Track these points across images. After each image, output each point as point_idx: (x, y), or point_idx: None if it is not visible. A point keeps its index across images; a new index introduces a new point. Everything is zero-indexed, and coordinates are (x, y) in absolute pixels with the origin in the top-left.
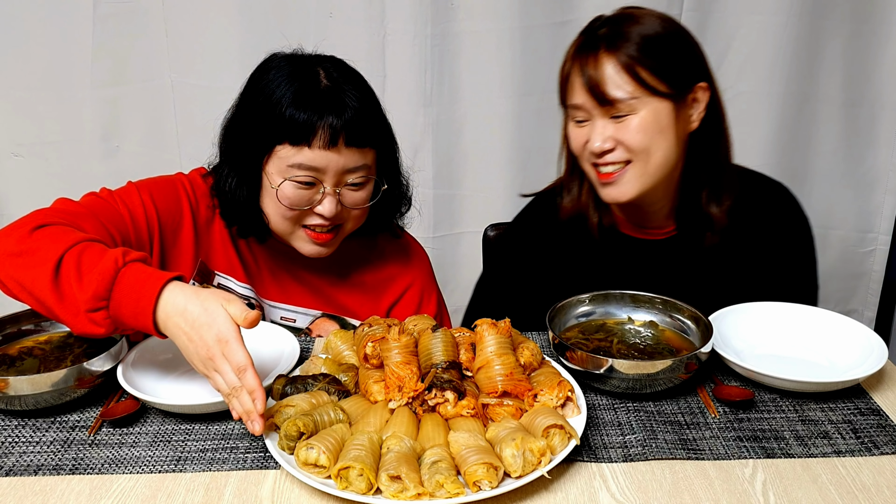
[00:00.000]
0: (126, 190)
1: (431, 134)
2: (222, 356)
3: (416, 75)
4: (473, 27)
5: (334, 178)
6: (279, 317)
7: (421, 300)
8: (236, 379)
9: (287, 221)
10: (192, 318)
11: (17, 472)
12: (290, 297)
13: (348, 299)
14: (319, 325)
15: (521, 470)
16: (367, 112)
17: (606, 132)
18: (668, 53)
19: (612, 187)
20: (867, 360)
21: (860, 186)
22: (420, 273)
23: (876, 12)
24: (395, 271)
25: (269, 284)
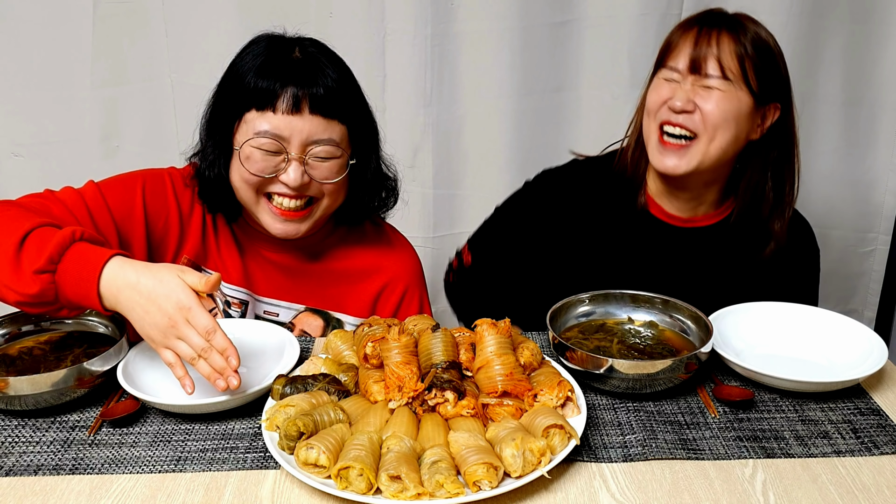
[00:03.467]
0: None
1: (431, 134)
2: (186, 322)
3: (416, 75)
4: (473, 27)
5: (299, 147)
6: (262, 311)
7: (403, 298)
8: (203, 341)
9: (251, 190)
10: (148, 290)
11: (17, 472)
12: (273, 290)
13: (332, 293)
14: (302, 320)
15: (521, 470)
16: (337, 85)
17: (690, 94)
18: (770, 62)
19: (669, 156)
20: (867, 360)
21: (860, 186)
22: (405, 270)
23: (876, 12)
24: (378, 266)
25: (253, 278)
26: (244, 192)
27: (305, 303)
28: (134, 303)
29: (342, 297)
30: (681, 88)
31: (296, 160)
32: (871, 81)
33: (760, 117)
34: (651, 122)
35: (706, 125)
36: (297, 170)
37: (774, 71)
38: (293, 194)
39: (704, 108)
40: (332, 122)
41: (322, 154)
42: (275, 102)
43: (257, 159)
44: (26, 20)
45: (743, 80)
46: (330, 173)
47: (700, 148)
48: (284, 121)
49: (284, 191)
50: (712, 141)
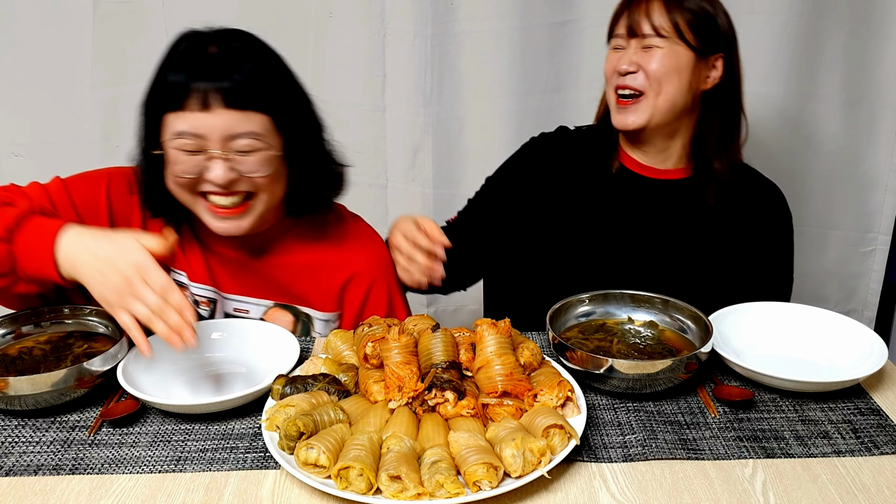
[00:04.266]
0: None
1: (431, 134)
2: (142, 282)
3: (416, 75)
4: (473, 27)
5: (219, 143)
6: (232, 308)
7: (369, 292)
8: (159, 300)
9: (184, 191)
10: (105, 253)
11: (17, 472)
12: (238, 287)
13: (296, 288)
14: (272, 316)
15: (521, 470)
16: (253, 76)
17: (633, 57)
18: (707, 16)
19: (624, 114)
20: (867, 360)
21: (860, 186)
22: (370, 263)
23: (876, 12)
24: (342, 259)
25: (217, 276)
26: (179, 194)
27: (272, 298)
28: (91, 267)
29: (307, 292)
30: (625, 53)
31: (218, 157)
32: (871, 81)
33: (707, 68)
34: (609, 89)
35: (650, 81)
36: (222, 167)
37: (711, 26)
38: (224, 192)
39: (646, 66)
40: (251, 114)
41: (245, 148)
42: (186, 101)
43: (181, 160)
44: (26, 20)
45: (678, 35)
46: (257, 166)
47: (649, 102)
48: (198, 119)
49: (215, 189)
50: (658, 94)
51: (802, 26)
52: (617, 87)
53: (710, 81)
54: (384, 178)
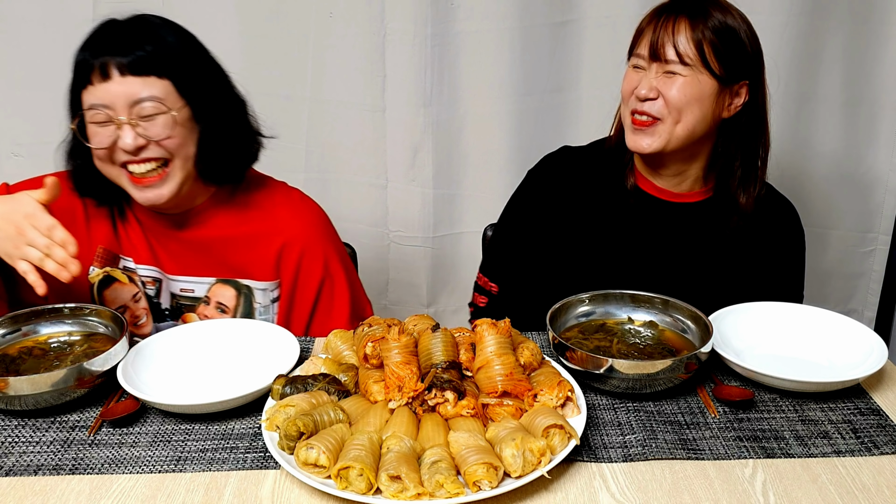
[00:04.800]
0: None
1: (431, 134)
2: (31, 227)
3: (416, 75)
4: (473, 27)
5: (125, 111)
6: (178, 289)
7: (302, 257)
8: (46, 239)
9: (106, 165)
10: (3, 211)
11: (17, 472)
12: (180, 267)
13: (234, 261)
14: (216, 292)
15: (521, 470)
16: (152, 44)
17: (654, 82)
18: (734, 45)
19: (639, 136)
20: (867, 360)
21: (860, 186)
22: (301, 229)
23: (875, 12)
24: (273, 228)
25: (160, 257)
26: (105, 169)
27: (214, 275)
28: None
29: (245, 264)
30: (646, 76)
31: (126, 124)
32: (871, 81)
33: (729, 96)
34: (625, 108)
35: (669, 109)
36: (129, 133)
37: (738, 52)
38: (138, 159)
39: (667, 93)
40: (150, 79)
41: (148, 111)
42: (90, 75)
43: (95, 133)
44: (26, 20)
45: (703, 64)
46: (163, 129)
47: (666, 128)
48: (101, 89)
49: (129, 157)
50: (677, 123)
51: (802, 26)
52: (633, 111)
53: (734, 108)
54: (384, 178)
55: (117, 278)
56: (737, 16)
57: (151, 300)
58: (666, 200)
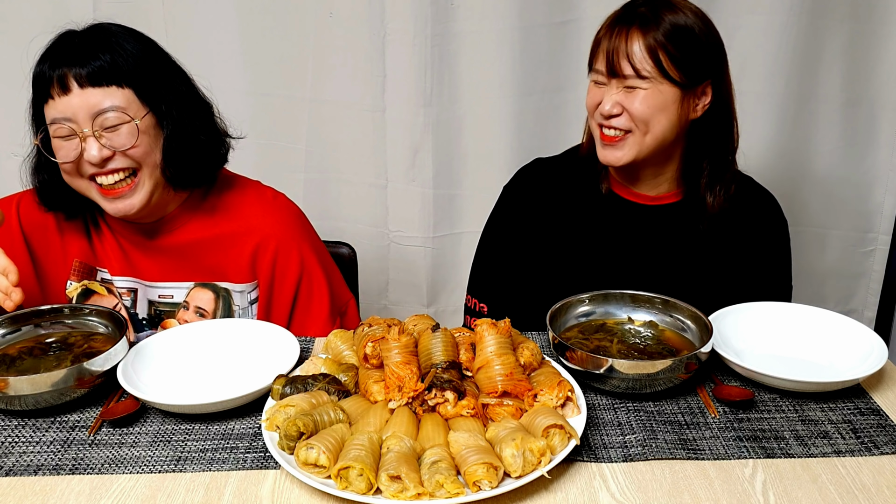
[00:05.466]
0: None
1: (431, 134)
2: None
3: (416, 75)
4: (473, 27)
5: (87, 123)
6: (157, 295)
7: (277, 256)
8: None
9: (74, 179)
10: None
11: (17, 472)
12: (159, 274)
13: (210, 264)
14: (194, 296)
15: (521, 470)
16: (109, 54)
17: (616, 98)
18: (691, 47)
19: (610, 150)
20: (867, 360)
21: (860, 186)
22: (274, 227)
23: (876, 12)
24: (246, 228)
25: (137, 266)
26: (73, 183)
27: (192, 279)
28: None
29: (221, 267)
30: (607, 92)
31: (89, 136)
32: (871, 81)
33: (694, 98)
34: (592, 122)
35: (636, 122)
36: (94, 145)
37: (696, 53)
38: (105, 170)
39: (630, 108)
40: (111, 89)
41: (111, 122)
42: (49, 89)
43: (60, 147)
44: (26, 20)
45: (661, 74)
46: (126, 139)
47: (636, 140)
48: (62, 102)
49: (96, 170)
50: (646, 134)
51: (802, 26)
52: (600, 125)
53: (700, 109)
54: (384, 178)
55: (96, 290)
56: (689, 13)
57: (128, 310)
58: (642, 204)
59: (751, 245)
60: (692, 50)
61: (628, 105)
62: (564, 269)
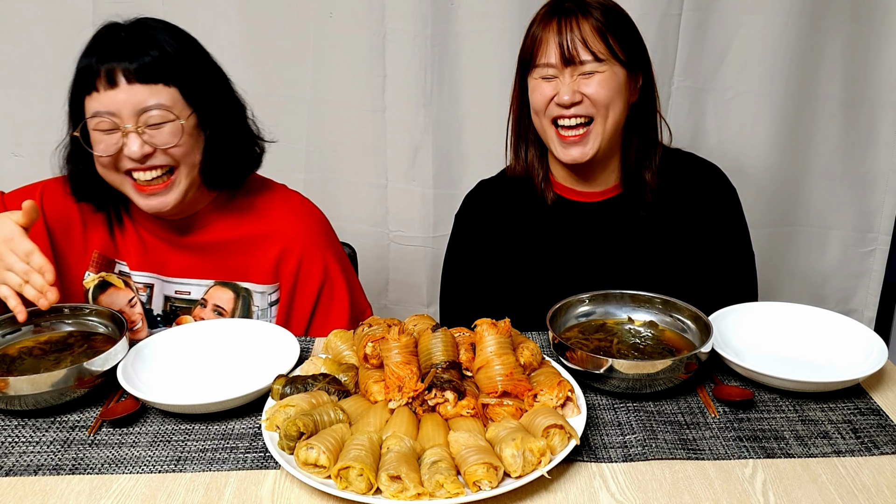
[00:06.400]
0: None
1: (431, 134)
2: (9, 251)
3: (416, 75)
4: (473, 27)
5: (132, 119)
6: (173, 291)
7: (301, 261)
8: (24, 265)
9: (110, 172)
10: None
11: (17, 472)
12: (179, 270)
13: (233, 264)
14: (213, 294)
15: (521, 470)
16: (159, 52)
17: (573, 86)
18: (627, 28)
19: (576, 147)
20: (867, 360)
21: (860, 186)
22: (300, 233)
23: (876, 12)
24: (272, 231)
25: (157, 261)
26: (108, 176)
27: (212, 277)
28: None
29: (244, 267)
30: (562, 83)
31: (132, 132)
32: (871, 81)
33: (634, 80)
34: (543, 120)
35: (597, 107)
36: (136, 141)
37: (631, 34)
38: (144, 167)
39: (590, 93)
40: (157, 87)
41: (155, 120)
42: (95, 82)
43: (99, 140)
44: (26, 20)
45: (612, 55)
46: (169, 137)
47: (598, 129)
48: (107, 97)
49: (134, 165)
50: (606, 119)
51: (802, 26)
52: (556, 118)
53: (637, 91)
54: (384, 178)
55: (113, 283)
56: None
57: (144, 306)
58: (591, 202)
59: (701, 219)
60: (628, 30)
61: (586, 90)
62: (530, 283)
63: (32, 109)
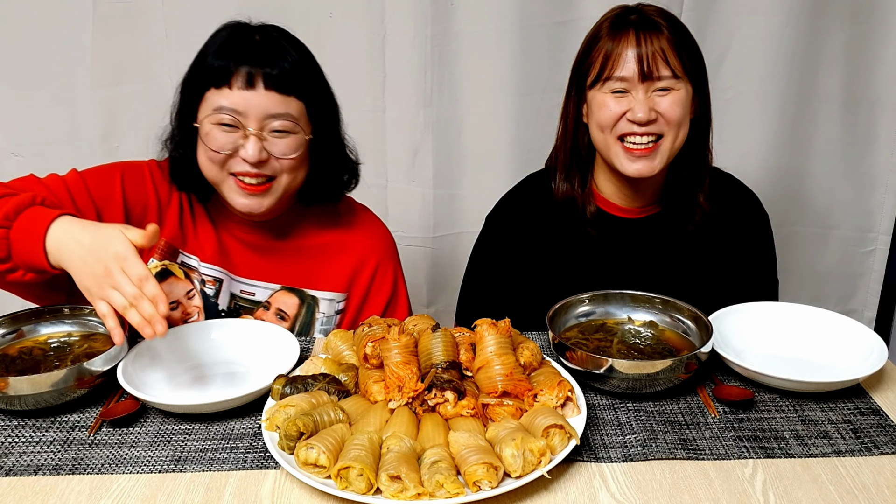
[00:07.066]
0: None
1: (431, 134)
2: (120, 271)
3: (416, 75)
4: (473, 27)
5: (257, 122)
6: (239, 290)
7: (376, 273)
8: (136, 289)
9: (215, 167)
10: (89, 242)
11: (17, 472)
12: (248, 271)
13: (306, 271)
14: (278, 298)
15: (521, 470)
16: (293, 64)
17: (650, 103)
18: (693, 45)
19: (643, 161)
20: (867, 360)
21: (860, 186)
22: (376, 246)
23: (875, 12)
24: (350, 242)
25: (229, 258)
26: (209, 171)
27: (281, 282)
28: (75, 255)
29: (317, 275)
30: (635, 99)
31: (254, 135)
32: (871, 81)
33: (696, 98)
34: (608, 137)
35: (669, 125)
36: (256, 145)
37: (697, 50)
38: (253, 172)
39: (664, 110)
40: (289, 98)
41: (279, 128)
42: (230, 79)
43: (217, 136)
44: (26, 20)
45: (685, 72)
46: (288, 149)
47: (666, 146)
48: (240, 96)
49: (245, 168)
50: (676, 137)
51: (802, 26)
52: (626, 135)
53: (695, 110)
54: (384, 178)
55: (174, 273)
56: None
57: (209, 299)
58: (631, 218)
59: (735, 243)
60: (695, 47)
61: (662, 108)
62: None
63: (32, 109)
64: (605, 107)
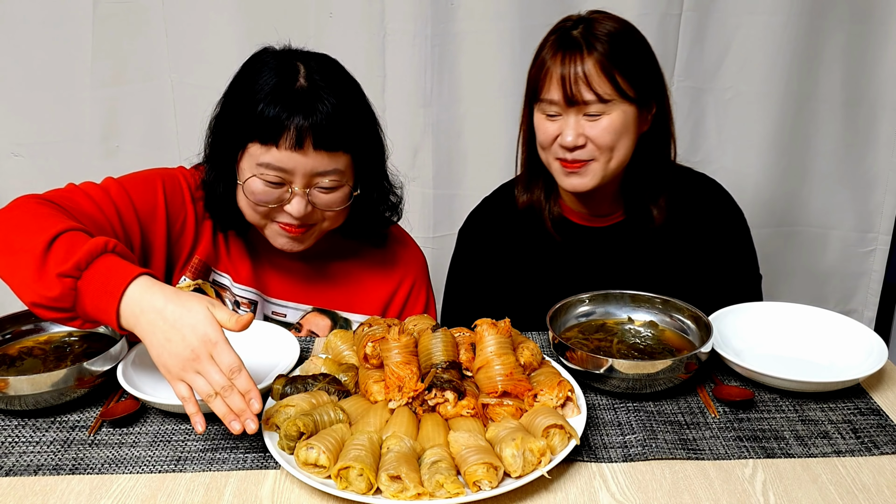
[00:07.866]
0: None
1: (431, 134)
2: (209, 358)
3: (416, 75)
4: (473, 27)
5: (303, 180)
6: (271, 311)
7: (410, 294)
8: (224, 379)
9: (258, 216)
10: (174, 318)
11: (17, 472)
12: (282, 292)
13: (340, 293)
14: (310, 320)
15: (521, 470)
16: (341, 115)
17: (578, 129)
18: (636, 58)
19: (576, 177)
20: (867, 360)
21: (860, 186)
22: (412, 267)
23: (875, 12)
24: (386, 264)
25: (262, 280)
26: (251, 216)
27: (314, 303)
28: (156, 328)
29: (351, 297)
30: (565, 123)
31: (299, 194)
32: (871, 81)
33: (645, 112)
34: (548, 155)
35: (601, 150)
36: (301, 202)
37: (641, 64)
38: (297, 223)
39: (595, 137)
40: (337, 155)
41: (326, 185)
42: (278, 138)
43: (261, 190)
44: (26, 20)
45: (619, 94)
46: (333, 202)
47: (600, 166)
48: (288, 157)
49: (288, 220)
50: (610, 160)
51: (802, 26)
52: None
53: (649, 120)
54: None
55: (206, 291)
56: (617, 23)
57: None
58: (596, 227)
59: (710, 243)
60: (639, 61)
61: (592, 134)
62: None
63: (32, 109)
64: (540, 128)
